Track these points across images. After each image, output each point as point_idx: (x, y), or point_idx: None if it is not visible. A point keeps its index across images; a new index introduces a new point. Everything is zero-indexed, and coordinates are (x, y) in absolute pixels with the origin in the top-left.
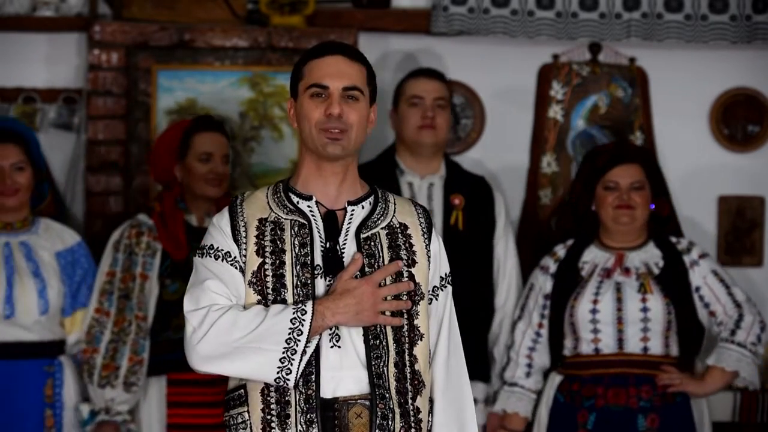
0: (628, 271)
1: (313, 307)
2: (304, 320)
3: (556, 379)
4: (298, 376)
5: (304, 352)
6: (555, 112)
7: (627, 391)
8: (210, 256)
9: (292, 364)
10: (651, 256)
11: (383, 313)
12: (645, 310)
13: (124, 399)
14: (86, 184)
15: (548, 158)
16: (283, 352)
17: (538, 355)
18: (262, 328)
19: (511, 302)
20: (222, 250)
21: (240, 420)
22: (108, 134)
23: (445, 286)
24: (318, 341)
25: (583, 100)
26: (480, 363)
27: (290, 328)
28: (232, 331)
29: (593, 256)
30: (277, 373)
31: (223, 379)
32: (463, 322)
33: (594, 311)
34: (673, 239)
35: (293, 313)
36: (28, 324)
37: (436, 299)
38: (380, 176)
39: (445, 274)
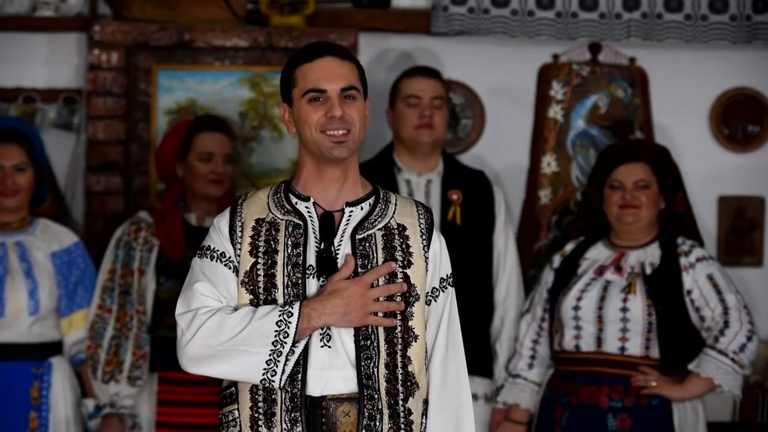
0: (621, 269)
1: (300, 309)
2: (290, 322)
3: (548, 373)
4: (284, 377)
5: (291, 352)
6: (555, 112)
7: (599, 390)
8: (206, 257)
9: (277, 366)
10: (649, 255)
11: (375, 314)
12: (624, 310)
13: (129, 393)
14: (86, 184)
15: (548, 158)
16: (269, 354)
17: (541, 348)
18: (248, 331)
19: (512, 297)
20: (217, 251)
21: (231, 417)
22: (108, 134)
23: (446, 288)
24: (308, 340)
25: (583, 100)
26: (481, 358)
27: (276, 331)
28: (219, 333)
29: (596, 253)
30: (263, 374)
31: (216, 380)
32: (463, 317)
33: (576, 308)
34: (680, 240)
35: (279, 315)
36: (18, 325)
37: (435, 300)
38: (378, 175)
39: (446, 275)
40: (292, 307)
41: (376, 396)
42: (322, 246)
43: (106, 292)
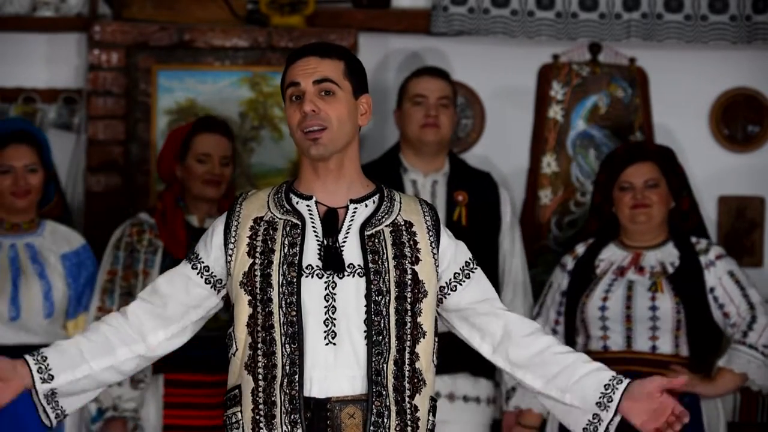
0: (643, 269)
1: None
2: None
3: None
4: (49, 413)
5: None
6: (555, 112)
7: None
8: (187, 259)
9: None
10: (668, 255)
11: None
12: (654, 308)
13: (132, 396)
14: (86, 184)
15: (548, 158)
16: None
17: None
18: None
19: (518, 300)
20: (200, 258)
21: (234, 420)
22: (108, 134)
23: (474, 270)
24: (308, 339)
25: (583, 100)
26: (485, 360)
27: None
28: None
29: (610, 255)
30: None
31: (221, 381)
32: None
33: (603, 308)
34: (694, 239)
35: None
36: (33, 326)
37: (461, 284)
38: (384, 175)
39: (468, 260)
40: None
41: (384, 393)
42: (325, 242)
43: (106, 294)
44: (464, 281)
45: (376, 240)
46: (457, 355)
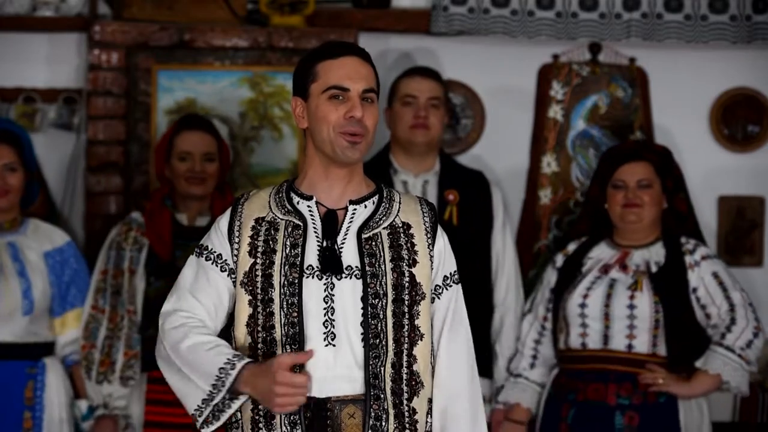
0: (626, 268)
1: (241, 368)
2: (230, 374)
3: (553, 372)
4: (209, 426)
5: (223, 403)
6: (555, 112)
7: (606, 388)
8: (202, 257)
9: (204, 410)
10: (654, 254)
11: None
12: (631, 307)
13: (122, 393)
14: (86, 184)
15: (548, 158)
16: (207, 395)
17: (543, 348)
18: (200, 360)
19: (511, 298)
20: (214, 252)
21: (233, 419)
22: (108, 134)
23: (450, 285)
24: (309, 340)
25: (583, 100)
26: (481, 360)
27: (217, 376)
28: (178, 346)
29: (599, 253)
30: (194, 410)
31: None
32: None
33: (583, 305)
34: (683, 240)
35: (225, 362)
36: (12, 324)
37: (439, 298)
38: (375, 176)
39: (450, 273)
40: (237, 361)
41: (382, 396)
42: (324, 244)
43: (99, 293)
44: (443, 293)
45: (374, 243)
46: None
